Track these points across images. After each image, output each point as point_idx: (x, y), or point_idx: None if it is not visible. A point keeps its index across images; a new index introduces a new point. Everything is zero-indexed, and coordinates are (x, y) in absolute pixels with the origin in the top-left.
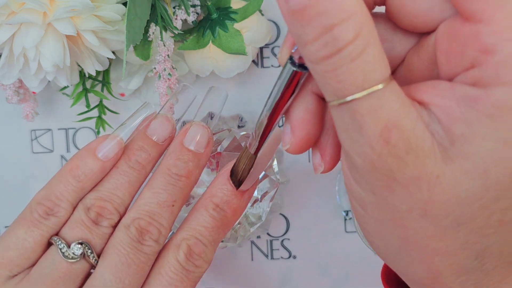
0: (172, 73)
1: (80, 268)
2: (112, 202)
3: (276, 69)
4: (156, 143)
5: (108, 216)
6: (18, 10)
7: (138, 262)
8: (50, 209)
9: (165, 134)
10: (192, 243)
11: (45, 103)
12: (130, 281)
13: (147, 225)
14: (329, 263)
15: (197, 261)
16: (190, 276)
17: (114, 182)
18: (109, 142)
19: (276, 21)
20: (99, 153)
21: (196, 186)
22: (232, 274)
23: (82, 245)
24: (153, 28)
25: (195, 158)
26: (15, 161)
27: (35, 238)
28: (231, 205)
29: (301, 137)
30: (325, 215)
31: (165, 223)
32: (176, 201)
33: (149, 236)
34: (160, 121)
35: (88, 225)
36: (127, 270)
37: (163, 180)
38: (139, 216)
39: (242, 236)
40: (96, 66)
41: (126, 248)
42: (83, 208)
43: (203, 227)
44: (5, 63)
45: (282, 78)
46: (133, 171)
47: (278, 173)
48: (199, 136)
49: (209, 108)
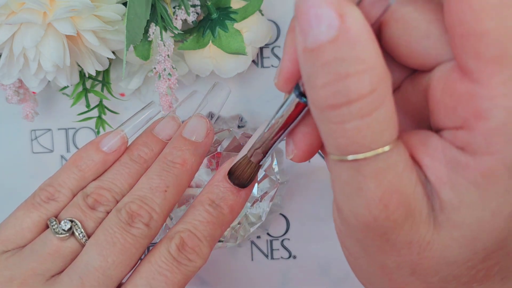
0: (172, 73)
1: (70, 247)
2: (111, 191)
3: (276, 69)
4: (160, 140)
5: (105, 203)
6: (18, 10)
7: (124, 242)
8: (51, 194)
9: (171, 133)
10: (185, 236)
11: (45, 103)
12: (114, 260)
13: (138, 209)
14: (329, 263)
15: (190, 254)
16: (181, 268)
17: (114, 173)
18: (113, 137)
19: (276, 21)
20: (102, 146)
21: (196, 186)
22: (232, 274)
23: (71, 222)
24: (153, 28)
25: (191, 146)
26: (15, 161)
27: (33, 219)
28: (227, 201)
29: (303, 149)
30: (325, 215)
31: (157, 208)
32: (169, 187)
33: (139, 219)
34: (167, 120)
35: (83, 209)
36: (112, 249)
37: (158, 167)
38: (131, 200)
39: (242, 236)
40: (96, 66)
41: (113, 228)
42: (82, 195)
43: (198, 221)
44: (5, 63)
45: (287, 107)
46: (135, 164)
47: (278, 173)
48: (197, 126)
49: (211, 102)
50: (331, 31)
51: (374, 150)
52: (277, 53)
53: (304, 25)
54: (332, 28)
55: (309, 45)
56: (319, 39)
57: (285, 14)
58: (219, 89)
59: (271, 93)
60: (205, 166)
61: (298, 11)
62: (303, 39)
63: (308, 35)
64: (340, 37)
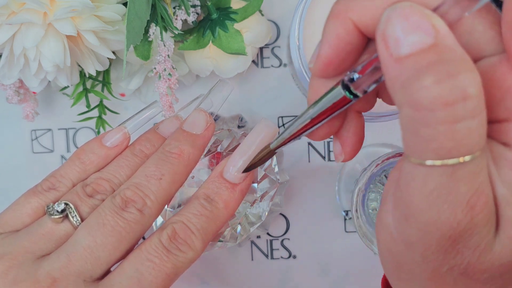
0: (172, 73)
1: (64, 230)
2: (110, 181)
3: (276, 69)
4: (162, 137)
5: (102, 192)
6: (18, 10)
7: (114, 225)
8: (52, 184)
9: (173, 131)
10: (177, 227)
11: (45, 103)
12: (103, 241)
13: (132, 195)
14: (329, 263)
15: (182, 245)
16: (171, 257)
17: (115, 165)
18: (115, 133)
19: (276, 21)
20: (105, 142)
21: (196, 187)
22: (232, 274)
23: (66, 205)
24: (153, 28)
25: (190, 138)
26: (15, 161)
27: (32, 204)
28: (221, 196)
29: (351, 150)
30: (325, 215)
31: (152, 195)
32: (165, 175)
33: (132, 204)
34: (170, 120)
35: (80, 195)
36: (102, 230)
37: (155, 157)
38: (126, 187)
39: (242, 236)
40: (96, 66)
41: (106, 211)
42: (81, 184)
43: (192, 213)
44: (6, 63)
45: (329, 99)
46: (135, 157)
47: (278, 173)
48: (197, 119)
49: (213, 97)
50: (428, 39)
51: (475, 153)
52: (277, 53)
53: (397, 33)
54: (430, 35)
55: (405, 51)
56: (417, 45)
57: (285, 14)
58: (222, 86)
59: (271, 93)
60: (206, 166)
61: (390, 21)
62: (395, 45)
63: (403, 42)
64: (439, 43)
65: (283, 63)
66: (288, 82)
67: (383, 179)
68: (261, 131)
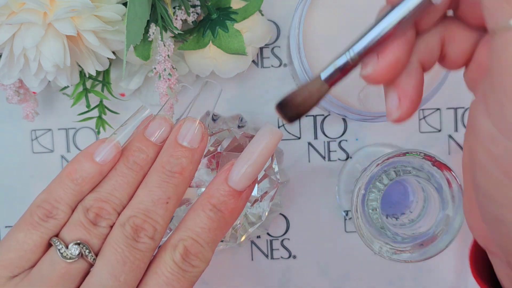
0: (172, 73)
1: (79, 267)
2: (111, 203)
3: (276, 69)
4: (153, 144)
5: (106, 217)
6: (18, 10)
7: (133, 260)
8: (49, 211)
9: (163, 135)
10: (188, 244)
11: (45, 103)
12: (125, 279)
13: (142, 223)
14: (329, 263)
15: (194, 261)
16: (186, 276)
17: (112, 184)
18: (106, 146)
19: (276, 21)
20: (96, 157)
21: (196, 186)
22: (232, 274)
23: (79, 246)
24: (153, 28)
25: (189, 154)
26: (15, 161)
27: (34, 240)
28: (228, 206)
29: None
30: (325, 215)
31: (160, 220)
32: (171, 198)
33: (144, 233)
34: (158, 122)
35: (86, 226)
36: (122, 268)
37: (157, 178)
38: (134, 214)
39: (242, 236)
40: (96, 66)
41: (121, 246)
42: (82, 210)
43: (200, 228)
44: (6, 63)
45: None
46: (131, 172)
47: (278, 173)
48: (192, 131)
49: (203, 102)
50: None
51: None
52: (277, 53)
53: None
54: None
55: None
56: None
57: (285, 14)
58: (211, 89)
59: (271, 93)
60: (205, 166)
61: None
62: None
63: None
64: None
65: (283, 63)
66: (288, 82)
67: (383, 179)
68: (265, 136)
